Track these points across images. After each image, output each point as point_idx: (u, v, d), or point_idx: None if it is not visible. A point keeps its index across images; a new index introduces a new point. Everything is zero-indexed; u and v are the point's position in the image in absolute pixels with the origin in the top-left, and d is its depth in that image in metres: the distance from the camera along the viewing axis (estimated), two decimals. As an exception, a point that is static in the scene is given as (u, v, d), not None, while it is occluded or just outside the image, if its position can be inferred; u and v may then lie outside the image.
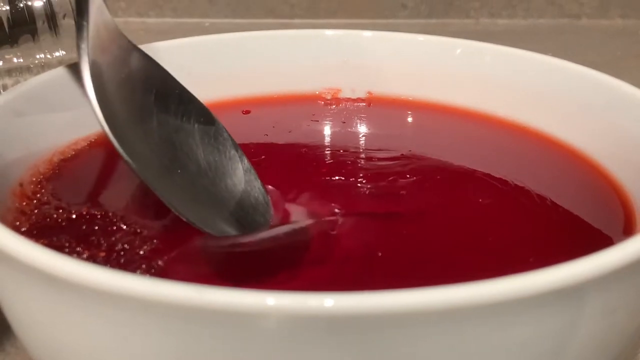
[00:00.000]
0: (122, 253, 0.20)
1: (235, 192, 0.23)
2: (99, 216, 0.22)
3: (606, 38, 0.63)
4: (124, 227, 0.22)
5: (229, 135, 0.24)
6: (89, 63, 0.21)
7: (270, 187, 0.24)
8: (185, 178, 0.22)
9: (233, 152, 0.24)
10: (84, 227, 0.22)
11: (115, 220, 0.22)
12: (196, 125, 0.24)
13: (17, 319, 0.18)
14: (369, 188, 0.25)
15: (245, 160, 0.24)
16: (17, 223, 0.22)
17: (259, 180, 0.24)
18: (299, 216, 0.24)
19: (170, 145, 0.23)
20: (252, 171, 0.24)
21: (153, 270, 0.20)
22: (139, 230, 0.21)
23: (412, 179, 0.26)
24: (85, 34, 0.21)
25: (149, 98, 0.23)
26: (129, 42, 0.24)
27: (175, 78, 0.25)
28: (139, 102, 0.23)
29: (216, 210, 0.22)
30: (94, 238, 0.21)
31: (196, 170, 0.23)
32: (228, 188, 0.23)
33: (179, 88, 0.25)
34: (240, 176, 0.23)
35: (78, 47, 0.21)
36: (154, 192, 0.20)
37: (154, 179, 0.20)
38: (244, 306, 0.14)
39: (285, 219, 0.23)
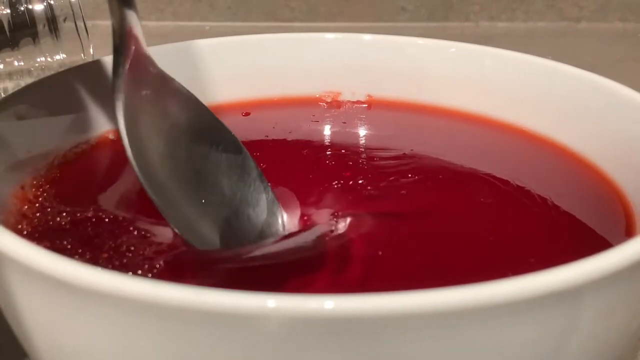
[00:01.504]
0: (123, 255, 0.20)
1: (257, 223, 0.23)
2: (100, 219, 0.22)
3: (605, 41, 0.63)
4: (125, 229, 0.22)
5: (255, 165, 0.24)
6: (123, 100, 0.21)
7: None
8: (209, 208, 0.22)
9: (258, 183, 0.24)
10: (85, 229, 0.22)
11: (116, 222, 0.22)
12: (224, 155, 0.24)
13: (17, 321, 0.18)
14: (370, 189, 0.25)
15: (270, 192, 0.24)
16: (19, 226, 0.22)
17: (282, 212, 0.23)
18: (299, 217, 0.24)
19: (196, 175, 0.22)
20: (276, 203, 0.24)
21: (154, 272, 0.20)
22: (140, 233, 0.22)
23: (413, 180, 0.26)
24: (120, 69, 0.21)
25: (180, 128, 0.23)
26: (161, 71, 0.24)
27: (207, 108, 0.24)
28: (169, 132, 0.23)
29: (237, 241, 0.22)
30: (95, 240, 0.21)
31: (220, 200, 0.23)
32: (250, 219, 0.23)
33: (210, 117, 0.24)
34: (264, 207, 0.23)
35: (113, 83, 0.21)
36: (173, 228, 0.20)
37: (175, 214, 0.21)
38: (244, 308, 0.14)
39: (298, 223, 0.24)
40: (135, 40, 0.22)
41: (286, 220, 0.23)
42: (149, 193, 0.20)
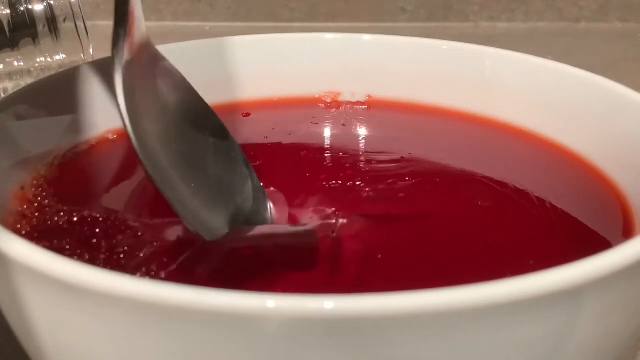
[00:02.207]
0: (122, 255, 0.20)
1: (243, 209, 0.23)
2: (99, 219, 0.22)
3: (605, 41, 0.63)
4: (125, 229, 0.22)
5: (241, 151, 0.24)
6: (122, 74, 0.21)
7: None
8: (197, 191, 0.22)
9: (244, 168, 0.24)
10: (85, 229, 0.22)
11: (116, 222, 0.22)
12: (211, 139, 0.23)
13: (18, 322, 0.18)
14: (369, 190, 0.25)
15: (255, 178, 0.24)
16: (19, 226, 0.22)
17: (268, 199, 0.23)
18: (299, 218, 0.24)
19: (185, 157, 0.22)
20: (262, 189, 0.23)
21: (153, 273, 0.20)
22: (139, 233, 0.22)
23: (411, 182, 0.26)
24: (121, 43, 0.21)
25: (171, 109, 0.23)
26: (156, 49, 0.24)
27: (196, 91, 0.24)
28: (162, 111, 0.23)
29: (224, 225, 0.22)
30: (94, 241, 0.21)
31: (207, 185, 0.22)
32: (237, 205, 0.23)
33: (199, 101, 0.24)
34: (249, 194, 0.23)
35: (113, 56, 0.21)
36: (166, 200, 0.20)
37: (169, 189, 0.20)
38: (244, 308, 0.14)
39: (286, 221, 0.24)
40: (135, 16, 0.22)
41: (273, 209, 0.23)
42: (146, 168, 0.20)
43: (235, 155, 0.24)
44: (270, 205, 0.23)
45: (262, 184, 0.24)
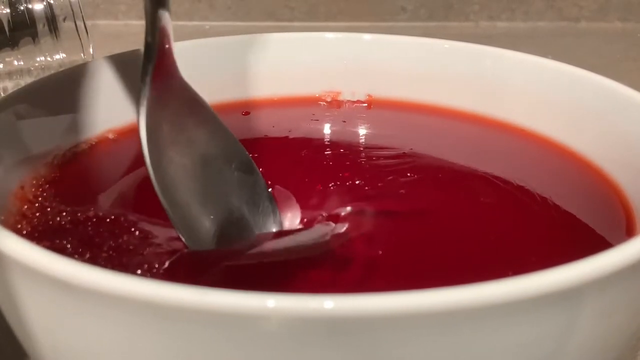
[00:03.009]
0: (123, 255, 0.20)
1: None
2: (100, 219, 0.22)
3: (605, 41, 0.63)
4: (125, 229, 0.22)
5: (266, 187, 0.24)
6: (147, 107, 0.21)
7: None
8: (215, 223, 0.22)
9: (267, 203, 0.24)
10: (85, 229, 0.22)
11: (116, 222, 0.22)
12: (236, 174, 0.23)
13: (18, 321, 0.18)
14: (370, 189, 0.25)
15: (278, 214, 0.24)
16: (19, 226, 0.22)
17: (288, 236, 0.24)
18: (299, 217, 0.24)
19: (207, 190, 0.22)
20: (281, 224, 0.24)
21: (154, 272, 0.20)
22: (140, 233, 0.22)
23: (412, 180, 0.26)
24: (148, 78, 0.21)
25: (196, 140, 0.23)
26: (183, 79, 0.24)
27: (225, 125, 0.24)
28: (186, 143, 0.23)
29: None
30: (95, 240, 0.21)
31: (227, 217, 0.23)
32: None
33: (228, 135, 0.24)
34: (270, 229, 0.23)
35: (140, 90, 0.21)
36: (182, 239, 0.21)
37: (182, 222, 0.21)
38: (244, 308, 0.14)
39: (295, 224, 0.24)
40: (166, 43, 0.22)
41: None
42: (161, 199, 0.20)
43: (259, 191, 0.24)
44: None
45: (281, 223, 0.24)
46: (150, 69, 0.21)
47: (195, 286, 0.14)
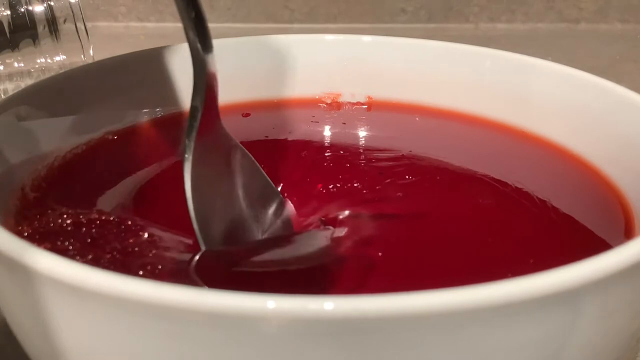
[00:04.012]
0: (125, 256, 0.20)
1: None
2: (100, 220, 0.22)
3: (605, 42, 0.63)
4: (126, 230, 0.22)
5: (291, 224, 0.24)
6: (192, 161, 0.21)
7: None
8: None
9: (278, 209, 0.24)
10: (86, 231, 0.22)
11: (117, 223, 0.22)
12: (264, 210, 0.24)
13: (17, 321, 0.18)
14: (370, 191, 0.25)
15: (291, 228, 0.24)
16: (19, 227, 0.22)
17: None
18: (299, 218, 0.24)
19: (235, 223, 0.23)
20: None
21: (156, 273, 0.20)
22: (141, 233, 0.22)
23: (412, 182, 0.26)
24: (194, 134, 0.21)
25: (233, 181, 0.24)
26: (226, 131, 0.24)
27: (257, 165, 0.25)
28: (224, 185, 0.23)
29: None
30: (95, 242, 0.21)
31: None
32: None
33: (261, 176, 0.25)
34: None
35: (184, 145, 0.21)
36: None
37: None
38: (244, 309, 0.14)
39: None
40: (214, 88, 0.22)
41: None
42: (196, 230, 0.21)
43: (285, 226, 0.24)
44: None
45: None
46: (196, 127, 0.21)
47: (195, 287, 0.14)
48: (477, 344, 0.15)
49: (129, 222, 0.22)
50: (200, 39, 0.21)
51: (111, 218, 0.22)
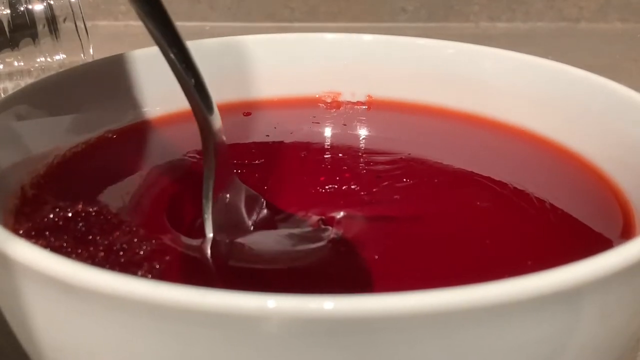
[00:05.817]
0: (122, 254, 0.20)
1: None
2: (99, 218, 0.22)
3: (605, 42, 0.63)
4: (125, 228, 0.22)
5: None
6: (212, 214, 0.22)
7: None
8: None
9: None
10: (85, 229, 0.22)
11: (115, 222, 0.22)
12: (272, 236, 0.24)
13: (17, 321, 0.18)
14: (368, 191, 0.25)
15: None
16: (18, 226, 0.22)
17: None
18: (299, 218, 0.24)
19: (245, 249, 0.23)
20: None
21: (153, 271, 0.20)
22: (139, 232, 0.22)
23: (411, 182, 0.26)
24: (211, 182, 0.22)
25: (244, 222, 0.24)
26: (237, 180, 0.25)
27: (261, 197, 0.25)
28: (236, 224, 0.24)
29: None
30: (95, 240, 0.21)
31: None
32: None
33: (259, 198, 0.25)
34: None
35: (204, 205, 0.22)
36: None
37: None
38: (244, 308, 0.14)
39: (283, 222, 0.24)
40: (223, 148, 0.23)
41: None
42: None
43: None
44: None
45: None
46: (211, 185, 0.22)
47: (195, 287, 0.14)
48: (477, 343, 0.15)
49: (129, 221, 0.22)
50: (204, 102, 0.21)
51: (111, 217, 0.22)
